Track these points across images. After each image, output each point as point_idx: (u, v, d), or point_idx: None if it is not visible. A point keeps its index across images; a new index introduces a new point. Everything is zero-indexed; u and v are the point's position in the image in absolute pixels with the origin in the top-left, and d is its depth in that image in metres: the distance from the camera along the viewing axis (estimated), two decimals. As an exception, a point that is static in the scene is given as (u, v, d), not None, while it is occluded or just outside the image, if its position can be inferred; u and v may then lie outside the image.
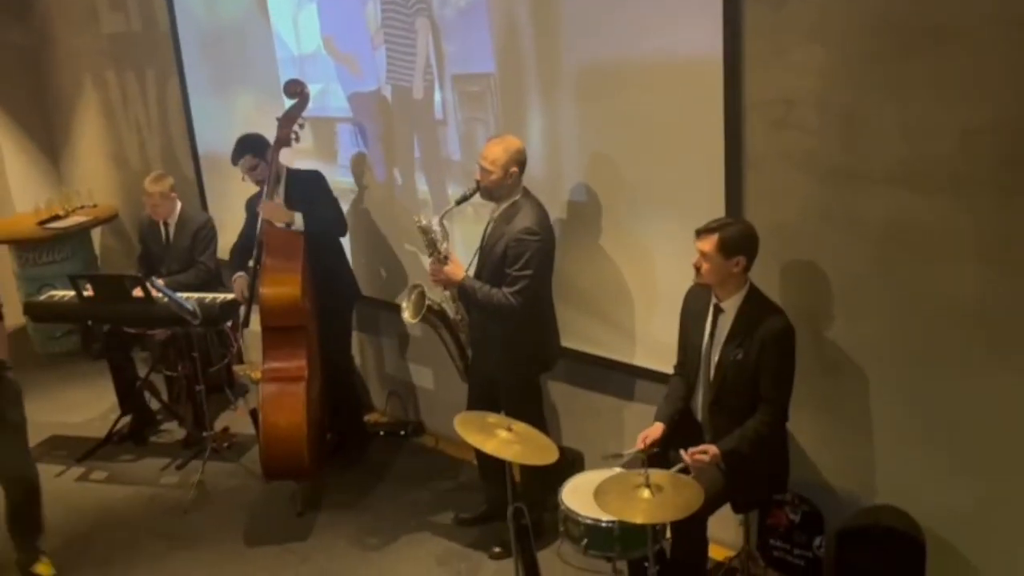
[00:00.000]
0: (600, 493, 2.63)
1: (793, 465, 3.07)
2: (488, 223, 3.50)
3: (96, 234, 6.49)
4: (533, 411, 3.52)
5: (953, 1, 2.56)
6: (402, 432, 4.71)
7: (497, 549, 3.64)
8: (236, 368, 5.23)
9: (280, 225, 3.97)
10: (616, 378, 3.72)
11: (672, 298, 3.23)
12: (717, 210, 3.12)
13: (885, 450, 3.01)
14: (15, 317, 6.41)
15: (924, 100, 2.67)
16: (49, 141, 6.86)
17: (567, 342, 3.68)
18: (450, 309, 3.60)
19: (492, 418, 2.98)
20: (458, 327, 3.62)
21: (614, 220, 3.50)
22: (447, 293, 3.58)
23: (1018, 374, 2.65)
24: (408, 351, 4.70)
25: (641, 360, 3.57)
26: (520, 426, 2.94)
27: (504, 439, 2.89)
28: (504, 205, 3.40)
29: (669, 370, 3.36)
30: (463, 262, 3.49)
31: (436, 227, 3.43)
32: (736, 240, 2.78)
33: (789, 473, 3.04)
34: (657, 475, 2.62)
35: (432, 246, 3.43)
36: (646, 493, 2.58)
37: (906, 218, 2.78)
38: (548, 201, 3.53)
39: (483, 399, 3.55)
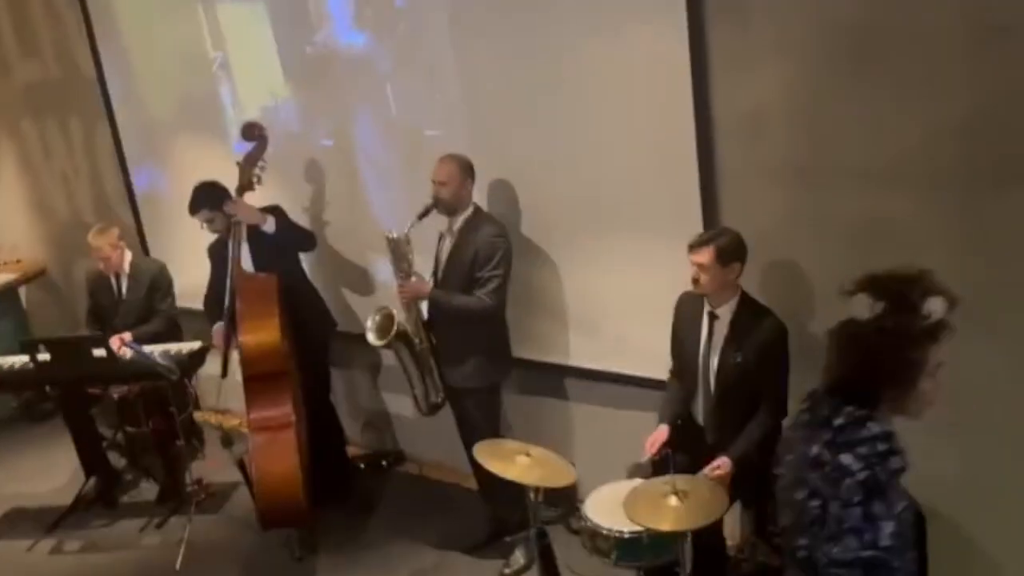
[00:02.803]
0: (629, 504, 2.73)
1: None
2: (441, 240, 3.64)
3: (23, 290, 6.21)
4: (495, 420, 3.72)
5: (907, 7, 2.75)
6: (384, 463, 4.70)
7: (507, 571, 3.69)
8: (203, 417, 5.10)
9: (248, 219, 3.96)
10: (599, 388, 3.83)
11: (654, 306, 3.37)
12: (693, 220, 3.27)
13: (874, 431, 3.20)
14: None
15: (885, 102, 2.86)
16: (-40, 197, 6.50)
17: (537, 355, 3.82)
18: (413, 336, 3.66)
19: (510, 445, 3.05)
20: (419, 355, 3.67)
21: (590, 234, 3.60)
22: (409, 320, 3.65)
23: (987, 344, 2.86)
24: (381, 380, 4.70)
25: (625, 368, 3.68)
26: (537, 450, 3.02)
27: (525, 465, 2.97)
28: (464, 216, 3.57)
29: (652, 375, 3.52)
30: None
31: (404, 240, 3.54)
32: (731, 248, 2.93)
33: (786, 463, 3.21)
34: (683, 481, 2.74)
35: (402, 259, 3.54)
36: (673, 500, 2.70)
37: (876, 215, 2.97)
38: (526, 220, 3.64)
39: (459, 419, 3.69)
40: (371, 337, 3.64)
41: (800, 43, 2.95)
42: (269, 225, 3.98)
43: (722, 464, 2.92)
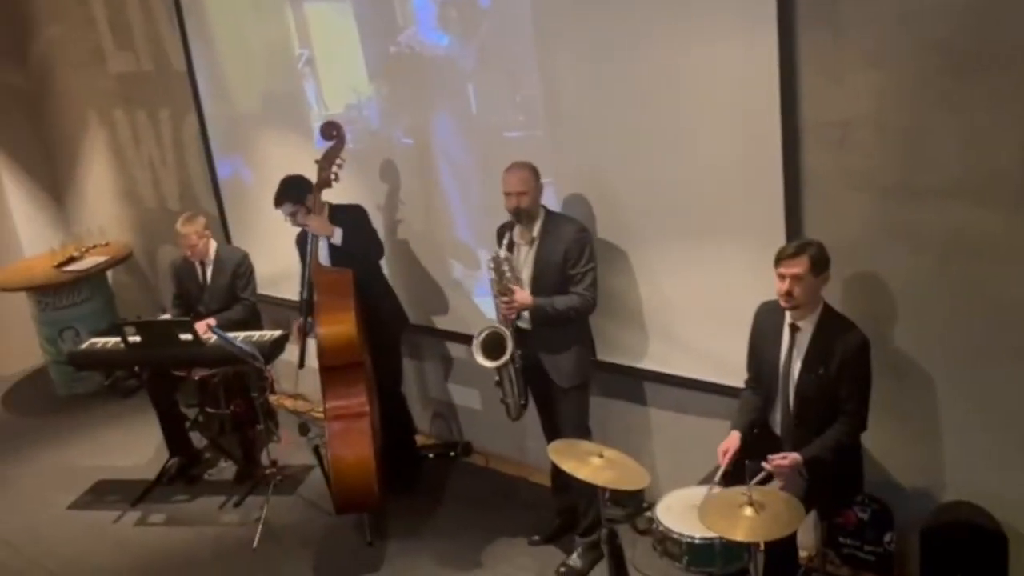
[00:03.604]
0: (703, 511, 2.76)
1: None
2: (518, 250, 3.61)
3: (109, 273, 6.47)
4: (587, 415, 3.70)
5: (1005, 23, 2.71)
6: (451, 453, 4.80)
7: (563, 569, 3.73)
8: (278, 401, 5.28)
9: (322, 234, 4.08)
10: (672, 393, 3.85)
11: (731, 313, 3.38)
12: (775, 229, 3.27)
13: (953, 448, 3.17)
14: (33, 359, 6.44)
15: (980, 117, 2.82)
16: (53, 182, 6.81)
17: (611, 357, 3.84)
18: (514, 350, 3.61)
19: (585, 445, 3.09)
20: (518, 367, 3.63)
21: (668, 238, 3.62)
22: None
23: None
24: (452, 373, 4.79)
25: (700, 374, 3.70)
26: (611, 452, 3.06)
27: (597, 465, 3.01)
28: (539, 222, 3.57)
29: (727, 382, 3.52)
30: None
31: (506, 257, 3.54)
32: (822, 257, 2.93)
33: (864, 476, 3.20)
34: (759, 492, 2.75)
35: (503, 276, 3.53)
36: (749, 511, 2.71)
37: (967, 229, 2.93)
38: (604, 224, 3.69)
39: (553, 418, 3.68)
40: (483, 362, 3.57)
41: (894, 55, 2.91)
42: (336, 238, 4.10)
43: (788, 456, 2.91)
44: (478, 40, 4.01)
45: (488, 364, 3.58)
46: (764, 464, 2.96)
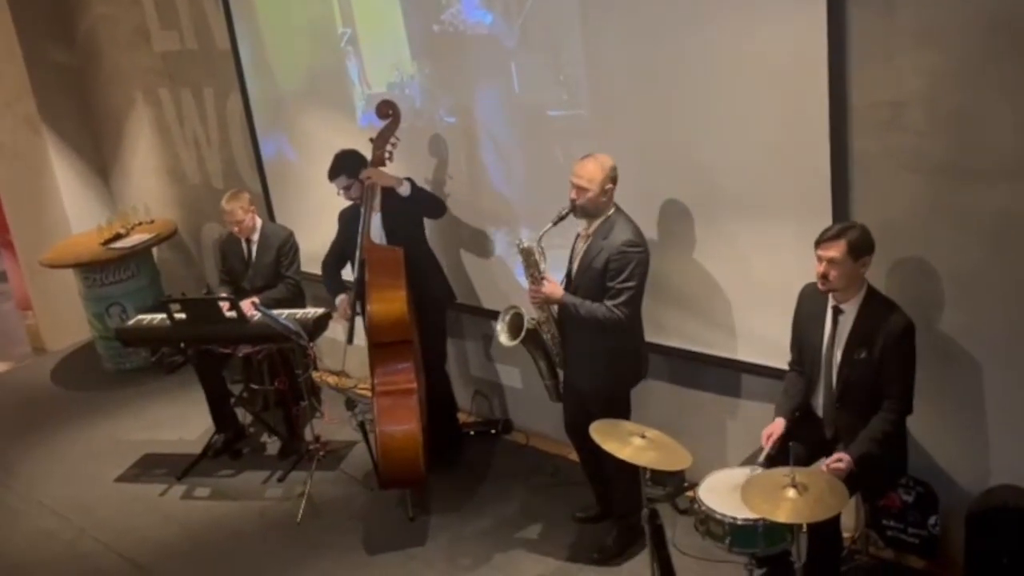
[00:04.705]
0: (746, 492, 2.76)
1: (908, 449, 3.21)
2: (576, 240, 3.58)
3: (155, 249, 6.58)
4: None
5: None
6: (492, 431, 4.84)
7: (596, 555, 3.74)
8: (321, 378, 5.36)
9: (386, 182, 4.09)
10: (716, 373, 3.85)
11: (776, 295, 3.36)
12: (822, 210, 3.24)
13: (1000, 432, 3.14)
14: (81, 334, 6.59)
15: (1035, 98, 2.77)
16: (99, 159, 6.92)
17: (655, 338, 3.81)
18: (543, 331, 3.63)
19: (627, 426, 3.11)
20: (550, 349, 3.66)
21: (713, 219, 3.60)
22: (539, 315, 3.61)
23: None
24: (493, 351, 4.82)
25: (743, 355, 3.69)
26: (653, 433, 3.07)
27: (639, 446, 3.02)
28: (598, 221, 3.47)
29: (771, 363, 3.51)
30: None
31: (536, 248, 3.50)
32: (862, 242, 2.90)
33: (908, 458, 3.18)
34: (803, 474, 2.75)
35: (533, 267, 3.51)
36: (791, 492, 2.71)
37: (1017, 212, 2.88)
38: (647, 204, 3.64)
39: (580, 415, 3.59)
40: (503, 338, 3.60)
41: (947, 34, 2.86)
42: (404, 188, 4.12)
43: (843, 459, 2.91)
44: (522, 18, 3.99)
45: (506, 341, 3.59)
46: (822, 466, 2.93)
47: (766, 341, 3.50)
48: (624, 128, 3.75)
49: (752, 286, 3.54)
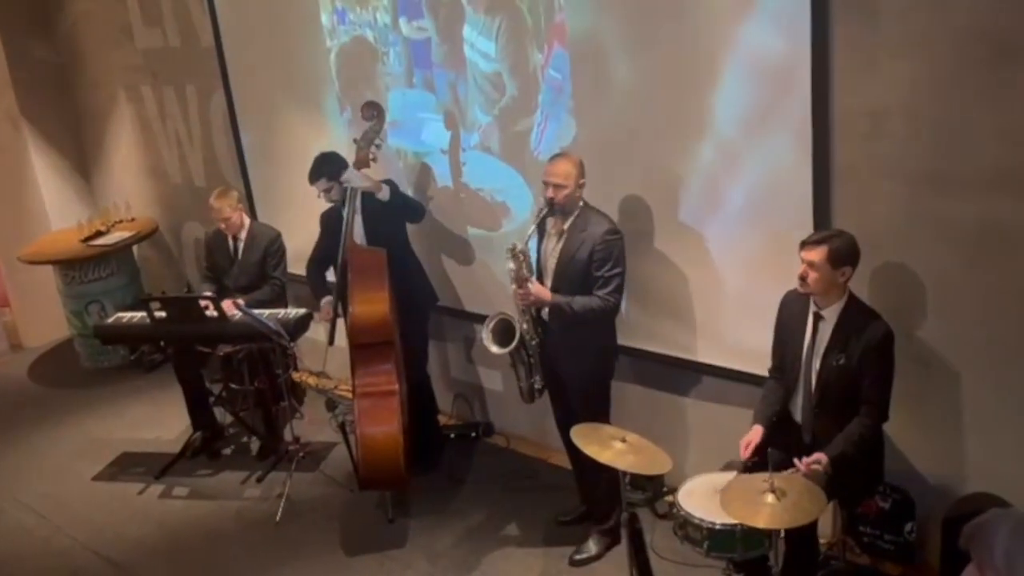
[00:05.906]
0: (725, 497, 2.77)
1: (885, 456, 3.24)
2: (545, 240, 3.59)
3: (135, 247, 6.53)
4: (604, 416, 3.62)
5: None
6: (473, 434, 4.83)
7: (578, 557, 3.74)
8: (300, 378, 5.33)
9: (366, 186, 4.06)
10: (695, 379, 3.87)
11: (757, 302, 3.38)
12: (803, 219, 3.26)
13: (977, 440, 3.17)
14: (59, 331, 6.52)
15: (1017, 108, 2.79)
16: (80, 156, 6.86)
17: (636, 343, 3.84)
18: (527, 335, 3.62)
19: (608, 429, 3.11)
20: (532, 352, 3.65)
21: (696, 227, 3.61)
22: (522, 318, 3.60)
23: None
24: (475, 354, 4.82)
25: (722, 361, 3.70)
26: (633, 437, 3.08)
27: (619, 450, 3.03)
28: (572, 216, 3.50)
29: (749, 369, 3.53)
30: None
31: (526, 249, 3.51)
32: (844, 251, 2.91)
33: (885, 466, 3.20)
34: (781, 480, 2.76)
35: (522, 267, 3.50)
36: (770, 498, 2.73)
37: (999, 222, 2.91)
38: (628, 206, 3.67)
39: (571, 414, 3.60)
40: (493, 348, 3.59)
41: (931, 44, 2.89)
42: (384, 193, 4.11)
43: (820, 459, 2.93)
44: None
45: (497, 350, 3.59)
46: (798, 464, 2.94)
47: (744, 347, 3.52)
48: (606, 136, 3.76)
49: (732, 293, 3.56)
